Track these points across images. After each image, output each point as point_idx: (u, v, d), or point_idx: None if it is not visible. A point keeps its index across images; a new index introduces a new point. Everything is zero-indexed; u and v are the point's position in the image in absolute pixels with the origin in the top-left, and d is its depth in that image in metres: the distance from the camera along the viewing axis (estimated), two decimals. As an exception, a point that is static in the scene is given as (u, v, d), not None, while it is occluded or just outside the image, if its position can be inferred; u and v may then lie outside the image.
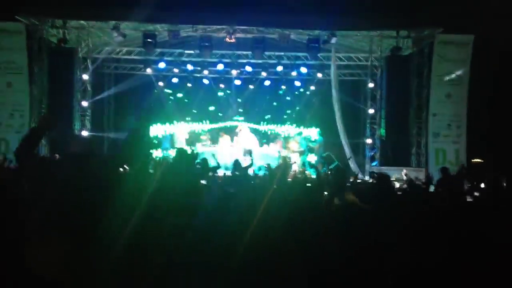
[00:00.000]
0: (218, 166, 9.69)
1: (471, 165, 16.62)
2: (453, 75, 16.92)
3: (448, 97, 17.02)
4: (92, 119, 18.20)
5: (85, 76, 17.79)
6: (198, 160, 7.53)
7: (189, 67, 19.26)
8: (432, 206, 5.15)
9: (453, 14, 15.83)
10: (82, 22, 16.90)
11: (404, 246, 4.12)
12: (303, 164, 17.84)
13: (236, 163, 9.22)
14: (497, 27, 14.76)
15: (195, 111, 20.90)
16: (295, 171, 16.71)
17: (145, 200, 4.60)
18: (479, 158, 17.80)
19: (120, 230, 3.46)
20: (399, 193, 8.02)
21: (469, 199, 6.13)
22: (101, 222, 3.28)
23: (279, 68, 19.32)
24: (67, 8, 16.07)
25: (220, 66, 19.24)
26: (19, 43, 16.08)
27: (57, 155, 9.16)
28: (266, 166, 13.00)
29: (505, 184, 6.10)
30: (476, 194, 6.75)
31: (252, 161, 10.28)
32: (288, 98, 21.30)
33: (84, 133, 17.44)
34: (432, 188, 7.58)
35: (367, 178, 16.32)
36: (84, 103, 17.69)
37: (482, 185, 7.67)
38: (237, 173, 8.88)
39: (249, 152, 16.78)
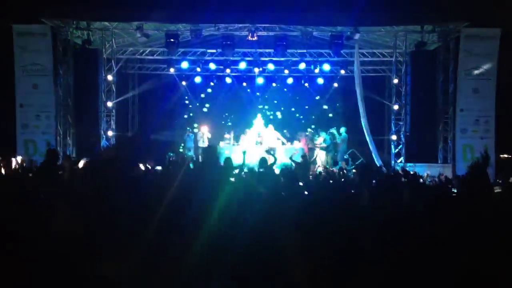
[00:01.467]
0: (243, 165, 9.63)
1: (500, 161, 16.33)
2: (480, 70, 16.59)
3: (475, 92, 16.68)
4: (117, 119, 18.34)
5: (110, 77, 17.94)
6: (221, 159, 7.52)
7: (212, 66, 19.30)
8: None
9: (479, 7, 15.54)
10: (106, 23, 17.08)
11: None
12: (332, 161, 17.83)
13: (262, 161, 9.15)
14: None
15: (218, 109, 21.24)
16: (318, 166, 16.66)
17: (169, 199, 4.60)
18: (507, 154, 17.47)
19: (142, 230, 3.44)
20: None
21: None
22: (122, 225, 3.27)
23: (302, 66, 19.21)
24: (91, 9, 16.24)
25: (243, 65, 19.25)
26: (44, 45, 16.29)
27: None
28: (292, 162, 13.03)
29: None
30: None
31: (275, 159, 10.19)
32: (311, 95, 21.30)
33: (110, 133, 17.61)
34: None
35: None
36: (109, 104, 17.84)
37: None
38: (261, 170, 8.81)
39: (272, 150, 16.75)
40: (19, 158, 11.64)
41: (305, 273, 3.81)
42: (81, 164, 8.33)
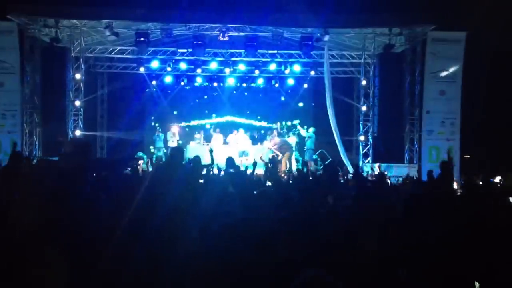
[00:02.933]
0: (212, 164, 9.58)
1: (463, 161, 16.74)
2: (446, 72, 16.93)
3: (441, 94, 17.02)
4: (85, 118, 18.08)
5: (78, 76, 17.65)
6: (189, 157, 7.52)
7: (182, 65, 19.22)
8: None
9: (446, 11, 15.90)
10: (74, 21, 16.81)
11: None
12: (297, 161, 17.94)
13: (229, 161, 9.04)
14: (490, 23, 14.84)
15: (188, 109, 21.24)
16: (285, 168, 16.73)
17: (137, 199, 4.59)
18: (471, 155, 17.93)
19: (110, 232, 3.43)
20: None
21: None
22: (90, 225, 3.26)
23: (272, 66, 19.33)
24: (59, 7, 16.01)
25: (214, 65, 19.25)
26: (11, 42, 15.96)
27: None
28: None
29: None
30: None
31: (254, 164, 10.04)
32: (281, 96, 21.48)
33: (77, 132, 17.37)
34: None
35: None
36: (77, 103, 17.57)
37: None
38: (231, 170, 8.75)
39: (245, 153, 16.88)
40: None
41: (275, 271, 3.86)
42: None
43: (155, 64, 19.08)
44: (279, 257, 3.82)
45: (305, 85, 20.87)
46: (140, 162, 15.57)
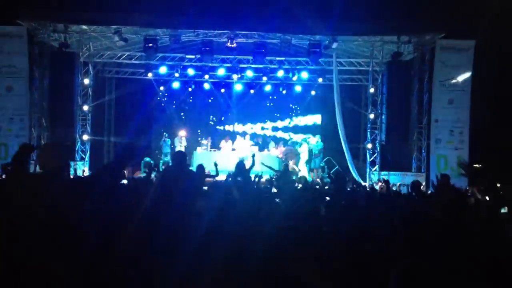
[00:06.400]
0: (217, 175, 9.51)
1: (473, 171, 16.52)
2: (455, 81, 16.84)
3: (450, 102, 16.91)
4: (93, 123, 18.14)
5: (86, 81, 17.76)
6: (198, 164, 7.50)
7: (190, 71, 19.25)
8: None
9: (454, 20, 15.82)
10: (83, 26, 16.89)
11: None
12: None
13: (240, 166, 8.82)
14: (498, 31, 14.75)
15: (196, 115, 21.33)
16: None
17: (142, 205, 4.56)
18: (481, 164, 17.72)
19: (110, 238, 3.40)
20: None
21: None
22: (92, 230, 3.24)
23: (280, 73, 19.31)
24: (68, 12, 16.07)
25: (221, 71, 19.25)
26: (20, 47, 16.04)
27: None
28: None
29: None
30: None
31: (253, 162, 9.97)
32: (288, 102, 21.49)
33: (85, 137, 17.43)
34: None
35: (367, 183, 16.31)
36: (85, 107, 17.66)
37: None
38: (238, 178, 8.63)
39: (251, 155, 16.75)
40: None
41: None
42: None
43: (163, 69, 19.11)
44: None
45: (313, 92, 20.85)
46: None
